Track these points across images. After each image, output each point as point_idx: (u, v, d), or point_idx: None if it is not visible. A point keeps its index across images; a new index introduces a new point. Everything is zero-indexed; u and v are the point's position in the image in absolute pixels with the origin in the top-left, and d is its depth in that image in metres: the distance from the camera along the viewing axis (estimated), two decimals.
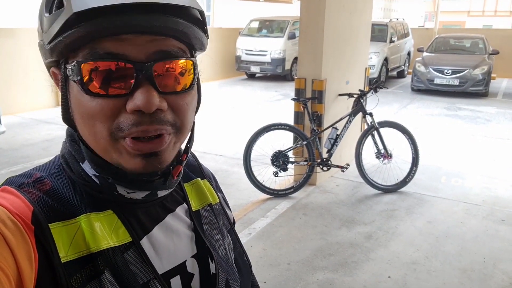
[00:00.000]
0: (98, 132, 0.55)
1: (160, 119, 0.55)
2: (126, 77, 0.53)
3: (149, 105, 0.53)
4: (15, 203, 0.55)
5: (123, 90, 0.53)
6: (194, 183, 0.76)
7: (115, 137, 0.55)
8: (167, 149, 0.58)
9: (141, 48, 0.54)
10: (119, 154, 0.57)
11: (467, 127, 7.33)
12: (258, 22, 12.68)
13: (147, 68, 0.53)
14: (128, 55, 0.53)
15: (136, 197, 0.62)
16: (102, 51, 0.53)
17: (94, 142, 0.57)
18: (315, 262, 3.20)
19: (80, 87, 0.54)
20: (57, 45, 0.54)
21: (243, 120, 7.55)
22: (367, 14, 5.29)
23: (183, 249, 0.67)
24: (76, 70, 0.54)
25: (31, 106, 7.82)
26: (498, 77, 12.54)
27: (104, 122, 0.54)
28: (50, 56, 0.56)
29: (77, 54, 0.54)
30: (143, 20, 0.52)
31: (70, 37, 0.52)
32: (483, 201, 4.31)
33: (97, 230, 0.58)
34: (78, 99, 0.56)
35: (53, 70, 0.60)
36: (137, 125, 0.54)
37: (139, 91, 0.53)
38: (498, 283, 2.97)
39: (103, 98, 0.54)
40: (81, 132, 0.59)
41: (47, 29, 0.55)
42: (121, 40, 0.53)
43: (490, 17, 32.94)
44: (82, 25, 0.51)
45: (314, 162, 4.34)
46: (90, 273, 0.56)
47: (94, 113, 0.54)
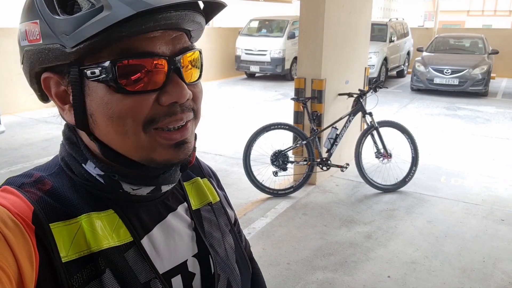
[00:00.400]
0: (129, 130, 0.56)
1: (187, 107, 0.59)
2: (158, 72, 0.56)
3: (183, 96, 0.57)
4: (16, 203, 0.55)
5: (157, 85, 0.56)
6: (194, 182, 0.76)
7: (147, 131, 0.57)
8: (191, 135, 0.61)
9: (168, 45, 0.57)
10: (151, 149, 0.58)
11: (466, 126, 7.33)
12: (258, 21, 12.68)
13: (175, 62, 0.57)
14: (158, 52, 0.55)
15: (141, 193, 0.62)
16: (135, 50, 0.54)
17: (122, 140, 0.57)
18: (315, 262, 3.20)
19: (113, 87, 0.54)
20: (86, 47, 0.52)
21: (242, 119, 7.55)
22: (366, 14, 5.29)
23: (184, 249, 0.67)
24: (110, 70, 0.53)
25: (30, 106, 7.81)
26: (498, 76, 12.54)
27: (138, 118, 0.56)
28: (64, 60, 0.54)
29: (100, 55, 0.54)
30: (179, 17, 0.55)
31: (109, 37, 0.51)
32: (482, 200, 4.32)
33: (98, 230, 0.58)
34: (106, 100, 0.55)
35: (47, 75, 0.58)
36: (171, 115, 0.57)
37: (171, 84, 0.56)
38: (498, 283, 2.97)
39: (138, 95, 0.55)
40: (104, 133, 0.58)
41: (71, 31, 0.52)
42: (149, 38, 0.55)
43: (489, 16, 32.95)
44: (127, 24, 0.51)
45: (314, 161, 4.34)
46: (91, 272, 0.56)
47: (127, 111, 0.55)
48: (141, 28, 0.52)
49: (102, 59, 0.54)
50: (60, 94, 0.59)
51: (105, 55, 0.54)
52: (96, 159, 0.60)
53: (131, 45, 0.54)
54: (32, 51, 0.57)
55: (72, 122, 0.59)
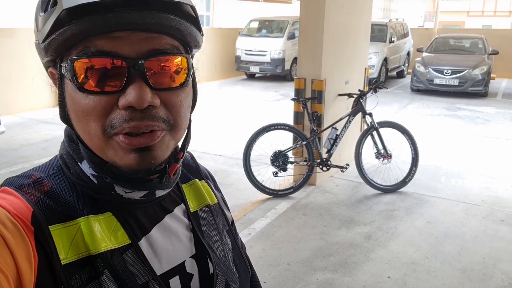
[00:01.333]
0: (92, 130, 0.55)
1: (152, 115, 0.54)
2: (119, 74, 0.53)
3: (141, 100, 0.53)
4: (15, 204, 0.54)
5: (115, 87, 0.53)
6: (192, 184, 0.76)
7: (108, 134, 0.55)
8: (160, 145, 0.57)
9: (134, 46, 0.53)
10: (113, 152, 0.56)
11: (466, 127, 7.33)
12: (258, 22, 12.68)
13: (139, 65, 0.53)
14: (120, 53, 0.53)
15: (134, 197, 0.61)
16: (95, 49, 0.53)
17: (89, 140, 0.57)
18: (315, 262, 3.20)
19: (73, 85, 0.55)
20: (51, 44, 0.54)
21: (242, 120, 7.55)
22: (366, 14, 5.29)
23: (182, 250, 0.67)
24: (69, 68, 0.54)
25: (30, 106, 7.82)
26: (498, 77, 12.54)
27: (98, 119, 0.54)
28: (45, 55, 0.57)
29: (70, 53, 0.55)
30: (137, 17, 0.51)
31: (62, 35, 0.52)
32: (482, 201, 4.31)
33: (96, 233, 0.58)
34: (73, 97, 0.56)
35: (51, 70, 0.60)
36: (129, 121, 0.54)
37: (131, 87, 0.53)
38: (498, 283, 2.97)
39: (96, 95, 0.54)
40: (78, 130, 0.59)
41: (41, 28, 0.55)
42: (114, 37, 0.53)
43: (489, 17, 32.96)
44: (74, 23, 0.51)
45: (314, 162, 4.33)
46: (89, 274, 0.56)
47: (88, 111, 0.54)
48: (98, 25, 0.51)
49: (69, 56, 0.55)
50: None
51: (72, 53, 0.54)
52: (90, 159, 0.60)
53: (92, 44, 0.53)
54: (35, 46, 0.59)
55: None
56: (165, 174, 0.62)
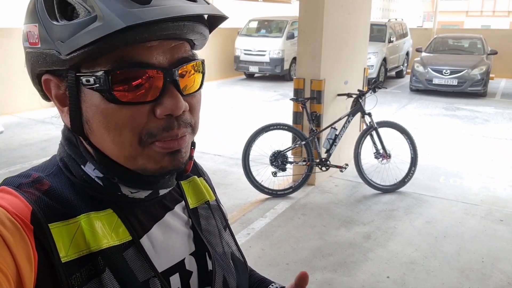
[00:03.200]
0: (126, 141, 0.55)
1: (184, 121, 0.58)
2: (155, 83, 0.54)
3: (178, 109, 0.55)
4: (14, 203, 0.54)
5: (152, 96, 0.54)
6: (191, 180, 0.77)
7: (145, 143, 0.56)
8: (186, 146, 0.60)
9: (167, 55, 0.55)
10: (147, 159, 0.57)
11: (465, 127, 7.34)
12: (257, 22, 12.69)
13: (173, 73, 0.55)
14: (155, 63, 0.54)
15: (139, 197, 0.62)
16: (131, 60, 0.53)
17: (118, 150, 0.57)
18: (314, 262, 3.20)
19: (107, 97, 0.53)
20: (80, 55, 0.52)
21: (241, 120, 7.55)
22: (365, 14, 5.30)
23: (182, 247, 0.68)
24: (103, 80, 0.53)
25: (29, 106, 7.81)
26: (497, 77, 12.56)
27: (134, 129, 0.55)
28: (61, 65, 0.54)
29: (96, 62, 0.53)
30: (176, 28, 0.53)
31: (101, 47, 0.51)
32: (481, 201, 4.32)
33: (98, 229, 0.58)
34: (101, 109, 0.54)
35: (47, 77, 0.58)
36: (167, 130, 0.56)
37: (167, 96, 0.55)
38: (497, 283, 2.97)
39: (133, 106, 0.54)
40: (99, 141, 0.58)
41: (66, 38, 0.52)
42: (146, 47, 0.53)
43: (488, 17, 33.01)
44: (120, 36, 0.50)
45: (313, 162, 4.34)
46: (90, 272, 0.56)
47: (123, 122, 0.54)
48: (135, 39, 0.51)
49: (98, 67, 0.53)
50: (59, 96, 0.59)
51: (101, 63, 0.53)
52: (96, 161, 0.60)
53: (127, 54, 0.53)
54: (32, 53, 0.57)
55: (69, 125, 0.60)
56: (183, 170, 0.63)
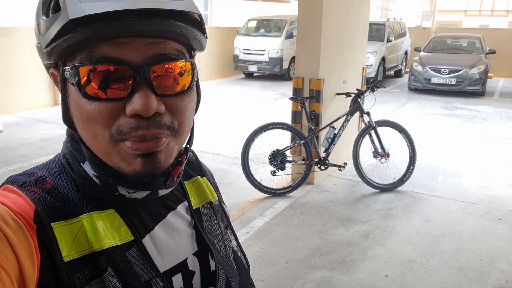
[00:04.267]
0: (98, 135, 0.55)
1: (157, 122, 0.55)
2: (124, 80, 0.53)
3: (147, 109, 0.53)
4: (17, 202, 0.55)
5: (121, 94, 0.53)
6: (194, 181, 0.77)
7: (116, 140, 0.55)
8: (164, 150, 0.57)
9: (139, 52, 0.53)
10: (119, 157, 0.57)
11: (464, 126, 7.35)
12: (256, 21, 12.68)
13: (144, 71, 0.53)
14: (125, 59, 0.53)
15: (137, 197, 0.62)
16: (100, 55, 0.52)
17: (95, 144, 0.57)
18: (313, 261, 3.21)
19: (78, 91, 0.54)
20: (54, 49, 0.53)
21: (241, 119, 7.55)
22: (364, 14, 5.30)
23: (184, 247, 0.68)
24: (74, 74, 0.54)
25: (28, 105, 7.80)
26: (495, 76, 12.57)
27: (104, 125, 0.54)
28: (48, 59, 0.56)
29: (74, 58, 0.54)
30: (144, 24, 0.51)
31: (67, 41, 0.52)
32: (480, 200, 4.33)
33: (100, 229, 0.58)
34: (77, 102, 0.56)
35: (52, 71, 0.60)
36: (137, 129, 0.54)
37: (137, 94, 0.53)
38: (495, 282, 2.99)
39: (102, 102, 0.54)
40: (81, 134, 0.59)
41: (44, 33, 0.55)
42: (119, 43, 0.53)
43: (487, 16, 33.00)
44: (80, 30, 0.51)
45: (312, 161, 4.34)
46: (92, 271, 0.56)
47: (94, 116, 0.54)
48: (104, 32, 0.51)
49: (74, 62, 0.54)
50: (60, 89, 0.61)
51: (76, 58, 0.54)
52: (93, 161, 0.60)
53: (97, 50, 0.53)
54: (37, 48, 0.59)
55: None
56: (169, 176, 0.62)
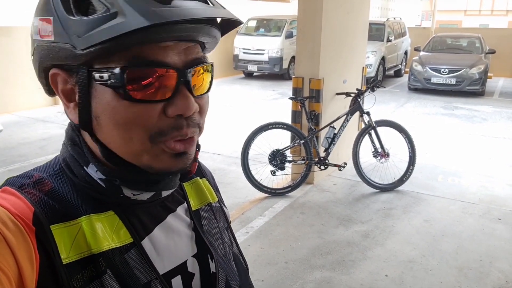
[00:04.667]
0: (134, 137, 0.56)
1: (194, 121, 0.59)
2: (169, 82, 0.55)
3: (189, 109, 0.56)
4: (16, 204, 0.54)
5: (165, 96, 0.55)
6: (194, 182, 0.76)
7: (154, 141, 0.56)
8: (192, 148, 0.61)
9: (181, 56, 0.56)
10: (153, 157, 0.58)
11: (463, 126, 7.36)
12: (256, 21, 12.68)
13: (186, 73, 0.56)
14: (170, 63, 0.55)
15: (141, 198, 0.62)
16: (145, 59, 0.53)
17: (126, 146, 0.57)
18: (313, 261, 3.21)
19: (121, 93, 0.54)
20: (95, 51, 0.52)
21: (240, 119, 7.55)
22: (364, 13, 5.30)
23: (184, 249, 0.67)
24: (119, 76, 0.53)
25: (27, 105, 7.79)
26: (495, 76, 12.58)
27: (145, 127, 0.55)
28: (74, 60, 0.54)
29: (110, 59, 0.53)
30: (194, 30, 0.54)
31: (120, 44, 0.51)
32: (479, 199, 4.33)
33: (99, 231, 0.58)
34: (112, 105, 0.55)
35: (55, 72, 0.58)
36: (178, 129, 0.57)
37: (179, 96, 0.56)
38: (495, 281, 2.99)
39: (145, 104, 0.55)
40: (105, 136, 0.58)
41: (83, 33, 0.52)
42: (161, 47, 0.54)
43: (486, 16, 33.01)
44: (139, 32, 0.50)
45: (312, 161, 4.34)
46: (91, 273, 0.56)
47: (134, 119, 0.55)
48: (153, 38, 0.52)
49: (112, 63, 0.54)
50: (66, 91, 0.59)
51: (116, 60, 0.54)
52: (99, 163, 0.60)
53: (142, 53, 0.53)
54: (43, 46, 0.57)
55: (75, 121, 0.59)
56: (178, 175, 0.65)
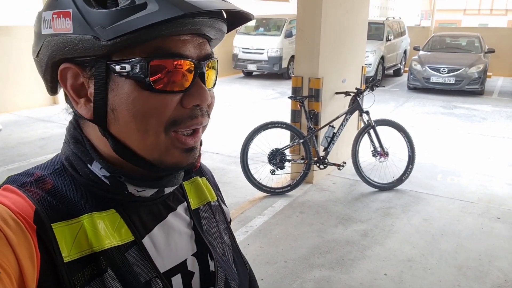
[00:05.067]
0: (151, 128, 0.57)
1: (206, 112, 0.61)
2: (186, 74, 0.57)
3: (205, 100, 0.59)
4: (17, 202, 0.55)
5: (183, 87, 0.58)
6: (193, 181, 0.77)
7: (168, 132, 0.58)
8: (199, 142, 0.63)
9: (197, 50, 0.59)
10: (165, 151, 0.59)
11: (463, 125, 7.36)
12: (255, 20, 12.66)
13: (202, 66, 0.59)
14: (188, 55, 0.57)
15: (145, 195, 0.63)
16: (167, 51, 0.56)
17: (141, 139, 0.58)
18: (312, 260, 3.21)
19: (142, 84, 0.55)
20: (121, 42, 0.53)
21: (240, 118, 7.56)
22: (363, 13, 5.30)
23: (184, 248, 0.68)
24: (143, 67, 0.54)
25: (27, 104, 7.79)
26: (494, 75, 12.59)
27: (161, 118, 0.57)
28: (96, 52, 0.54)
29: (132, 51, 0.55)
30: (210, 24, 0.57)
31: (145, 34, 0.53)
32: (478, 199, 4.34)
33: (100, 230, 0.58)
34: (133, 97, 0.55)
35: (66, 66, 0.57)
36: (192, 118, 0.59)
37: (195, 87, 0.58)
38: (494, 280, 2.99)
39: (166, 94, 0.56)
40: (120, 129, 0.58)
41: (108, 24, 0.52)
42: (181, 40, 0.57)
43: (486, 15, 33.02)
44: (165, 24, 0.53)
45: (311, 160, 4.35)
46: (92, 272, 0.56)
47: (153, 110, 0.56)
48: (179, 30, 0.54)
49: (134, 55, 0.55)
50: (76, 86, 0.58)
51: (137, 53, 0.55)
52: (103, 160, 0.60)
53: (164, 45, 0.55)
54: (57, 40, 0.56)
55: (87, 115, 0.59)
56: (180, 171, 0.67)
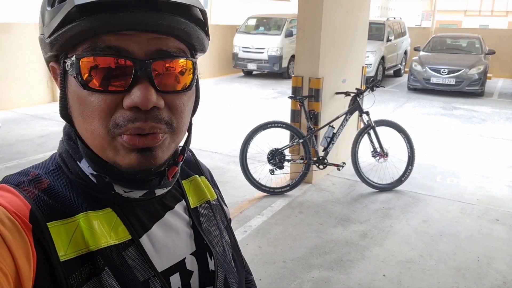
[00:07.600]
0: (95, 130, 0.55)
1: (155, 116, 0.55)
2: (125, 73, 0.53)
3: (146, 101, 0.53)
4: (13, 202, 0.54)
5: (121, 87, 0.53)
6: (192, 180, 0.76)
7: (112, 134, 0.55)
8: (161, 146, 0.57)
9: (142, 46, 0.54)
10: (115, 152, 0.56)
11: (462, 126, 7.36)
12: (256, 19, 12.66)
13: (146, 65, 0.53)
14: (129, 51, 0.53)
15: (133, 196, 0.62)
16: (103, 44, 0.53)
17: (92, 139, 0.57)
18: (311, 260, 3.21)
19: (78, 82, 0.54)
20: (57, 39, 0.54)
21: (239, 117, 7.55)
22: (364, 13, 5.30)
23: (182, 247, 0.67)
24: (75, 65, 0.53)
25: (26, 102, 7.77)
26: (494, 77, 12.60)
27: (102, 119, 0.54)
28: (50, 50, 0.56)
29: (76, 49, 0.54)
30: (149, 18, 0.52)
31: (70, 30, 0.52)
32: (477, 200, 4.34)
33: (96, 229, 0.58)
34: (77, 95, 0.55)
35: (52, 65, 0.60)
36: (133, 122, 0.54)
37: (137, 87, 0.53)
38: (492, 282, 2.99)
39: (101, 94, 0.54)
40: (79, 129, 0.58)
41: (48, 23, 0.55)
42: (122, 36, 0.53)
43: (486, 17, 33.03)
44: (84, 19, 0.51)
45: (310, 160, 4.34)
46: (89, 271, 0.55)
47: (92, 110, 0.54)
48: (109, 23, 0.51)
49: (76, 53, 0.54)
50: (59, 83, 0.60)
51: (79, 50, 0.54)
52: (90, 158, 0.60)
53: (101, 41, 0.53)
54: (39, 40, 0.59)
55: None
56: (164, 175, 0.62)
